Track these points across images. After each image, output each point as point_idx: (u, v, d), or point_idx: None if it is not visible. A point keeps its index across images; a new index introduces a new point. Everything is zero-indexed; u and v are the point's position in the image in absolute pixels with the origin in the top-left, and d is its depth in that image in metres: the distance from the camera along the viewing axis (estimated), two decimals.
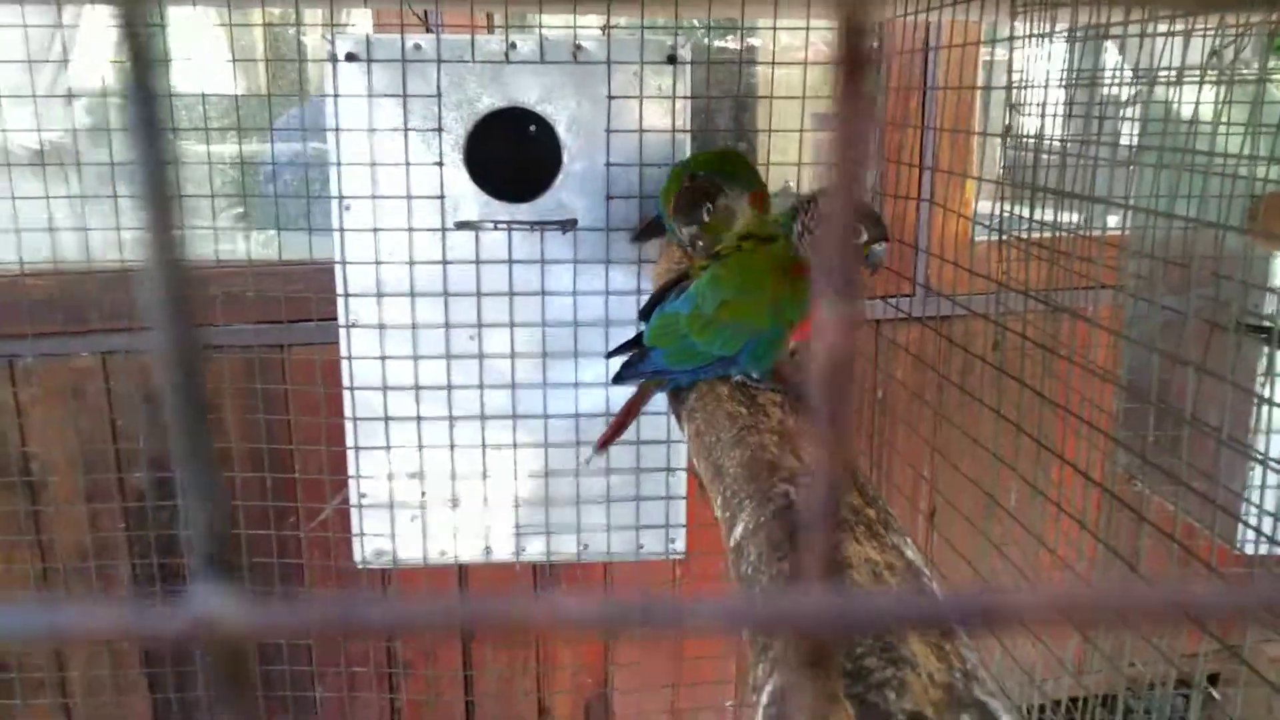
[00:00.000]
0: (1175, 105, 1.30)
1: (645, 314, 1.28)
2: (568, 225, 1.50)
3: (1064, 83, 1.29)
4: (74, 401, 1.90)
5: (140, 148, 0.17)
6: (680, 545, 1.69)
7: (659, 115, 1.50)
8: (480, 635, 0.17)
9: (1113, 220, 1.31)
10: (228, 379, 1.90)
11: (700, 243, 1.34)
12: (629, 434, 1.64)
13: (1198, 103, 1.27)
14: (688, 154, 1.51)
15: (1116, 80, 1.25)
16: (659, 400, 1.50)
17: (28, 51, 1.45)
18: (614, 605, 0.18)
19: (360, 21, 1.98)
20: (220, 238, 1.69)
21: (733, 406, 1.10)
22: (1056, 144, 1.31)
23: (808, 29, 1.55)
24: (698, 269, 1.20)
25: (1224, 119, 1.22)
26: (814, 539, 0.19)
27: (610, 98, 1.48)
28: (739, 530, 0.98)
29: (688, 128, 1.51)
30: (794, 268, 1.07)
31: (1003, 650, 1.40)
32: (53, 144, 1.72)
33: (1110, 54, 1.32)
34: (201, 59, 1.59)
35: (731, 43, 2.14)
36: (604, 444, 1.33)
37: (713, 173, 1.33)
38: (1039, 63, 1.32)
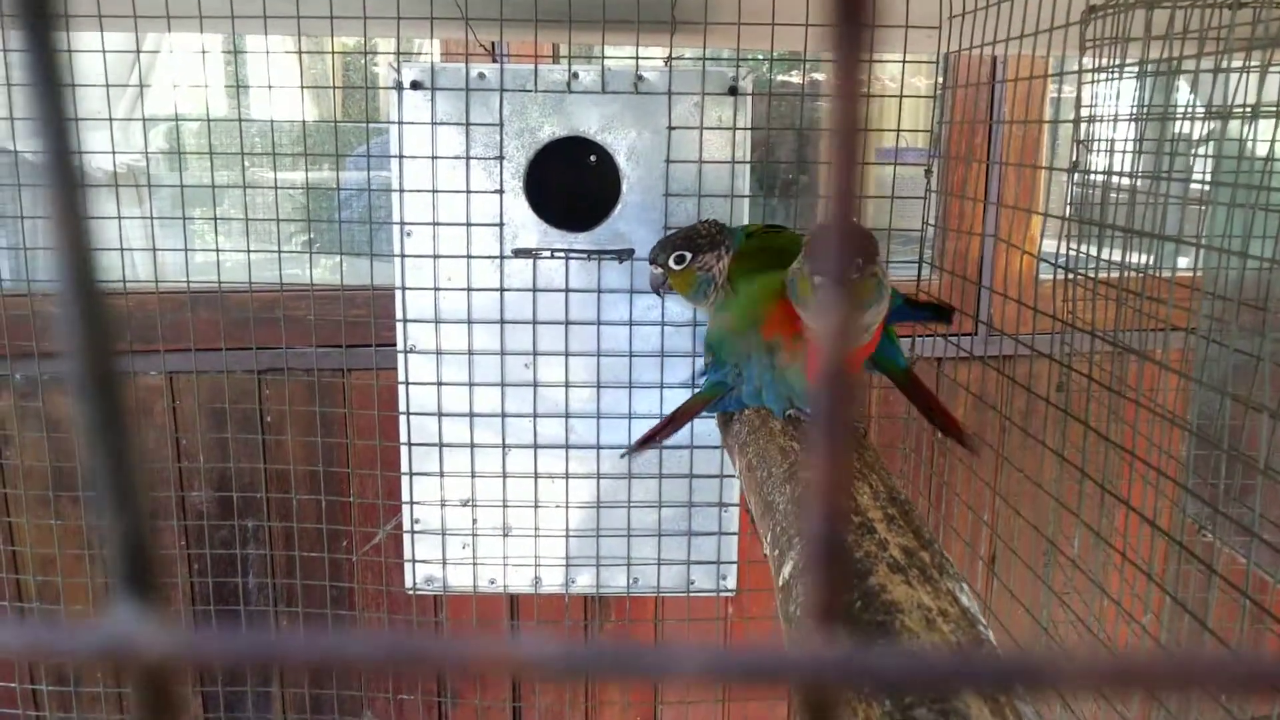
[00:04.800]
0: (1251, 143, 1.26)
1: None
2: (624, 255, 1.50)
3: (1133, 118, 1.26)
4: (141, 419, 1.94)
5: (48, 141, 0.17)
6: (731, 582, 1.67)
7: (719, 146, 1.49)
8: (414, 669, 0.16)
9: (1184, 260, 1.27)
10: (289, 402, 1.93)
11: (660, 290, 1.34)
12: (681, 467, 1.62)
13: (1274, 140, 1.23)
14: (746, 186, 1.50)
15: (1189, 115, 1.21)
16: (714, 434, 1.48)
17: (106, 77, 1.49)
18: (578, 650, 0.17)
19: (429, 51, 2.01)
20: (285, 262, 1.71)
21: (785, 441, 1.08)
22: (1125, 181, 1.27)
23: (870, 62, 1.53)
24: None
25: None
26: (815, 577, 0.17)
27: (670, 128, 1.47)
28: (787, 569, 0.96)
29: (747, 159, 1.49)
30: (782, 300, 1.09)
31: (1062, 706, 1.35)
32: (127, 166, 1.77)
33: (1183, 90, 1.29)
34: (274, 86, 1.62)
35: (795, 76, 2.13)
36: (642, 444, 1.33)
37: (724, 231, 1.29)
38: (1108, 98, 1.29)
